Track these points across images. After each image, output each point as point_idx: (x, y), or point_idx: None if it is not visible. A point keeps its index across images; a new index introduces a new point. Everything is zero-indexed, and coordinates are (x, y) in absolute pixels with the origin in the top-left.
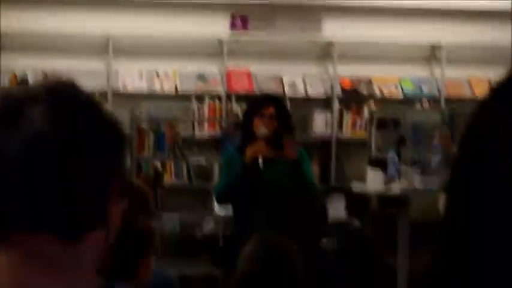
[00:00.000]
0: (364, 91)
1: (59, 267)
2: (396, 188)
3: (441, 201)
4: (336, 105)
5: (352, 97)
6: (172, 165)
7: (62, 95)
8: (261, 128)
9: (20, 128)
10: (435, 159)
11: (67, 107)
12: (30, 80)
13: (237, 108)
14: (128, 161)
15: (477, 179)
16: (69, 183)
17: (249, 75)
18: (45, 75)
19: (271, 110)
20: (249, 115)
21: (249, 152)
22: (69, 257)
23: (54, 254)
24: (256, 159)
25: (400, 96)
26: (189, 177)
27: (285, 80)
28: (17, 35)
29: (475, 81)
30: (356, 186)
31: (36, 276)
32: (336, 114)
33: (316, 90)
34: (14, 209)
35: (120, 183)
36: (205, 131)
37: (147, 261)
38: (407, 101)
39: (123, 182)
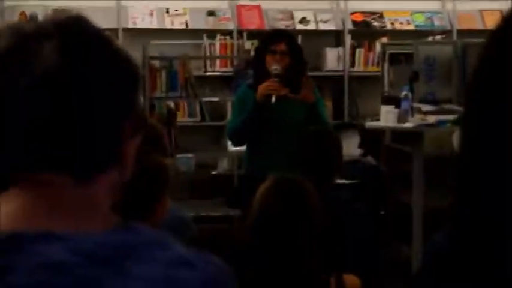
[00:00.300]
0: (376, 25)
1: (73, 208)
2: (410, 124)
3: (455, 136)
4: (348, 40)
5: (364, 32)
6: (186, 104)
7: (72, 30)
8: (273, 65)
9: (30, 64)
10: (448, 93)
11: (78, 42)
12: (40, 17)
13: (249, 45)
14: (141, 100)
15: (490, 110)
16: (81, 120)
17: (259, 10)
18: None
19: (282, 47)
20: (260, 52)
21: (261, 90)
22: (84, 197)
23: (68, 195)
24: (269, 98)
25: (412, 29)
26: (202, 116)
27: (295, 15)
28: None
29: (487, 13)
30: (369, 123)
31: (51, 217)
32: (347, 49)
33: (327, 25)
34: (25, 148)
35: (134, 120)
36: (217, 69)
37: (163, 200)
38: (420, 34)
39: (137, 119)
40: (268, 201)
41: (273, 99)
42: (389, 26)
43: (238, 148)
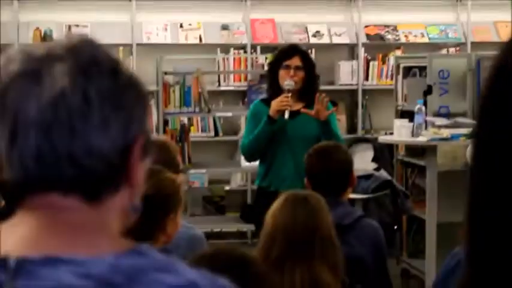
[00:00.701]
0: (390, 38)
1: (83, 231)
2: (423, 138)
3: (469, 150)
4: (362, 53)
5: (378, 45)
6: (199, 119)
7: (83, 54)
8: (286, 80)
9: (41, 87)
10: (462, 106)
11: (88, 66)
12: (55, 34)
13: (263, 59)
14: (155, 116)
15: (503, 123)
16: (90, 142)
17: (273, 24)
18: (69, 32)
19: (296, 61)
20: (274, 66)
21: (274, 105)
22: (94, 220)
23: (77, 217)
24: (282, 113)
25: (426, 42)
26: (216, 131)
27: (309, 29)
28: None
29: (501, 25)
30: (383, 137)
31: (60, 240)
32: (361, 62)
33: (341, 39)
34: (35, 168)
35: (144, 142)
36: (231, 83)
37: (174, 217)
38: (434, 47)
39: (146, 140)
40: (281, 218)
41: (286, 114)
42: (403, 39)
43: (251, 163)
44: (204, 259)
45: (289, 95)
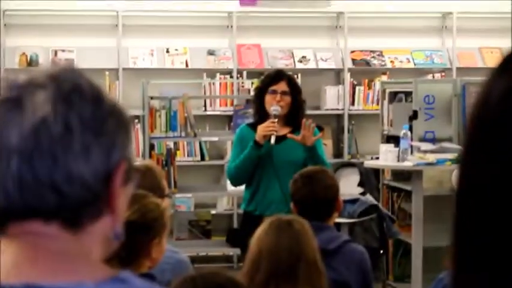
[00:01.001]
0: (376, 64)
1: (63, 259)
2: (409, 162)
3: (454, 175)
4: (348, 78)
5: (364, 70)
6: (185, 143)
7: (65, 82)
8: (273, 106)
9: (23, 115)
10: (448, 131)
11: (69, 94)
12: (41, 59)
13: (249, 84)
14: (141, 141)
15: (488, 151)
16: (71, 169)
17: (259, 50)
18: (54, 57)
19: (283, 86)
20: (260, 91)
21: (260, 131)
22: (75, 247)
23: (57, 245)
24: (269, 138)
25: (412, 68)
26: (202, 155)
27: (295, 54)
28: (27, 14)
29: (487, 51)
30: (368, 162)
31: (40, 268)
32: (347, 87)
33: (327, 64)
34: (17, 196)
35: (126, 168)
36: (217, 108)
37: (159, 242)
38: (420, 72)
39: (128, 167)
40: (265, 242)
41: (272, 140)
42: (389, 64)
43: (237, 187)
44: (187, 282)
45: (276, 120)
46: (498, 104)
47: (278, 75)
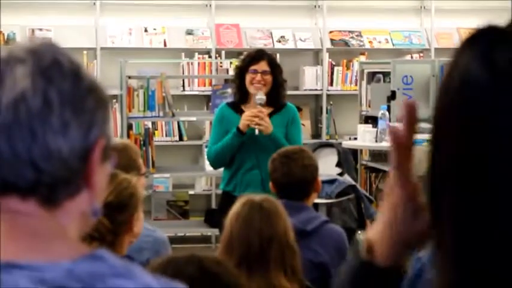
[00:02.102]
0: (354, 44)
1: (40, 236)
2: (387, 143)
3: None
4: (326, 58)
5: (342, 50)
6: (163, 123)
7: (44, 57)
8: (258, 95)
9: (1, 89)
10: (425, 112)
11: (49, 69)
12: (18, 38)
13: (227, 64)
14: (119, 120)
15: (454, 126)
16: (49, 145)
17: (238, 29)
18: (31, 35)
19: (263, 66)
20: (241, 71)
21: (245, 120)
22: (51, 225)
23: (34, 222)
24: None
25: (391, 48)
26: (180, 135)
27: (274, 34)
28: None
29: (465, 31)
30: (347, 143)
31: (17, 246)
32: (326, 67)
33: (305, 44)
34: None
35: (104, 145)
36: (195, 88)
37: (137, 216)
38: (398, 53)
39: (107, 144)
40: (236, 224)
41: (257, 131)
42: (367, 45)
43: (215, 170)
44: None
45: (263, 110)
46: (460, 77)
47: (259, 55)
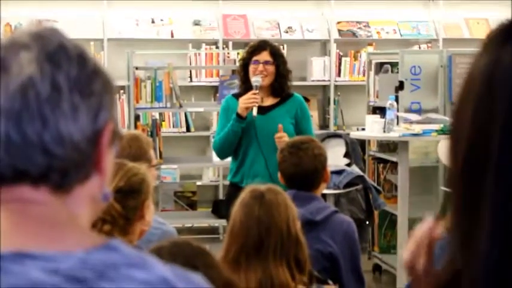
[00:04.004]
0: (362, 34)
1: (52, 225)
2: (395, 133)
3: (440, 145)
4: (334, 49)
5: (350, 41)
6: (170, 114)
7: (49, 42)
8: (254, 77)
9: (8, 75)
10: (434, 102)
11: (55, 54)
12: None
13: (234, 55)
14: (126, 111)
15: (479, 122)
16: (60, 130)
17: (245, 20)
18: (36, 22)
19: (265, 56)
20: (245, 62)
21: (242, 103)
22: (64, 213)
23: (48, 211)
24: (251, 110)
25: (398, 38)
26: (187, 126)
27: (281, 25)
28: None
29: (473, 22)
30: (354, 133)
31: (29, 235)
32: (333, 58)
33: (313, 35)
34: (5, 158)
35: (112, 129)
36: (202, 79)
37: (148, 204)
38: (406, 43)
39: (114, 127)
40: (239, 214)
41: (254, 111)
42: (375, 35)
43: (223, 160)
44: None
45: (257, 92)
46: (487, 76)
47: (260, 45)
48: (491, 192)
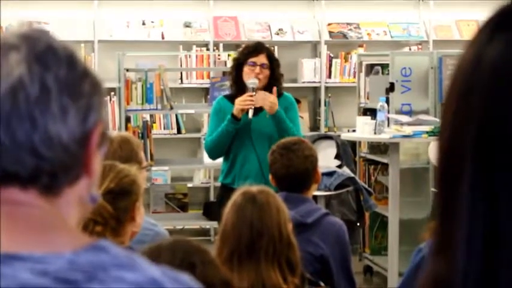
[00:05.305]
0: (353, 36)
1: (41, 226)
2: (386, 135)
3: (431, 147)
4: (325, 50)
5: (341, 42)
6: (161, 116)
7: (38, 43)
8: (251, 79)
9: None
10: (424, 104)
11: (44, 55)
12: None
13: (225, 56)
14: (117, 113)
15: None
16: (49, 131)
17: (236, 22)
18: (25, 23)
19: (262, 59)
20: (239, 63)
21: (238, 104)
22: (52, 215)
23: (36, 212)
24: (247, 112)
25: (389, 40)
26: (178, 128)
27: (272, 26)
28: None
29: (463, 23)
30: (345, 135)
31: (18, 237)
32: (324, 60)
33: (304, 36)
34: None
35: (100, 132)
36: (193, 80)
37: (139, 205)
38: (396, 45)
39: (103, 129)
40: (230, 216)
41: (250, 113)
42: (365, 37)
43: (214, 160)
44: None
45: (254, 93)
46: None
47: (258, 48)
48: (466, 193)
